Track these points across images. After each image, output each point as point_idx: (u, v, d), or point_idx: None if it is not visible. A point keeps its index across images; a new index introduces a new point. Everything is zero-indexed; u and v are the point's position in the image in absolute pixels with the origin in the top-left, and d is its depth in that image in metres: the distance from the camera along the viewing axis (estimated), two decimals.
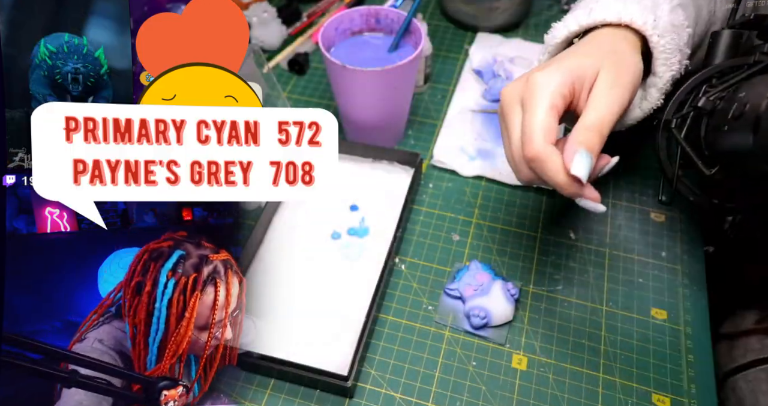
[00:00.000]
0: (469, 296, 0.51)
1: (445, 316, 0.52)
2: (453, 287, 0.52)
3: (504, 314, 0.50)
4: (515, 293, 0.51)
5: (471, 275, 0.53)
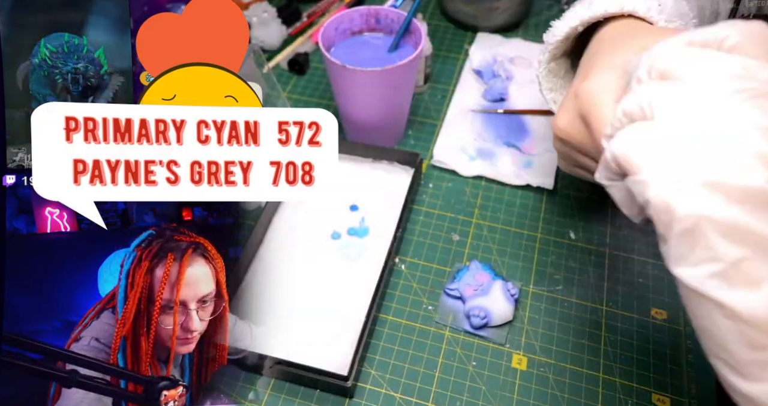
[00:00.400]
0: (469, 296, 0.51)
1: (445, 316, 0.52)
2: (453, 287, 0.52)
3: (504, 314, 0.50)
4: (515, 293, 0.51)
5: (471, 275, 0.53)
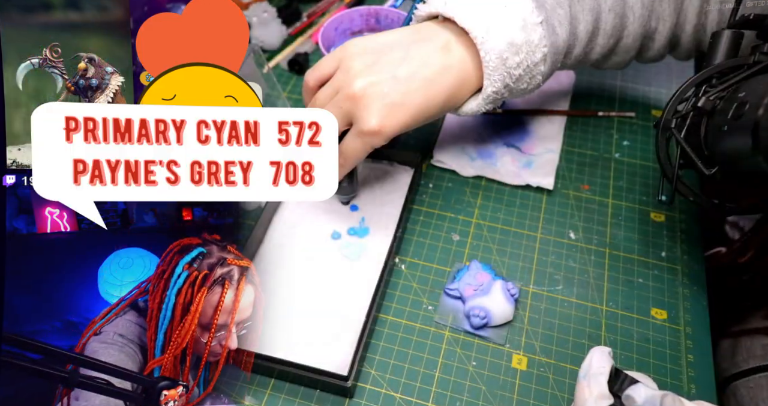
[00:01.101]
0: (469, 296, 0.51)
1: (445, 316, 0.52)
2: (453, 287, 0.52)
3: (504, 314, 0.50)
4: (515, 293, 0.51)
5: (471, 275, 0.53)
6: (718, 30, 0.46)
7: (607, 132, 0.67)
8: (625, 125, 0.67)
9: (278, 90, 0.61)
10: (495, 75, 0.49)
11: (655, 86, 0.72)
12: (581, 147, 0.65)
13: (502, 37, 0.47)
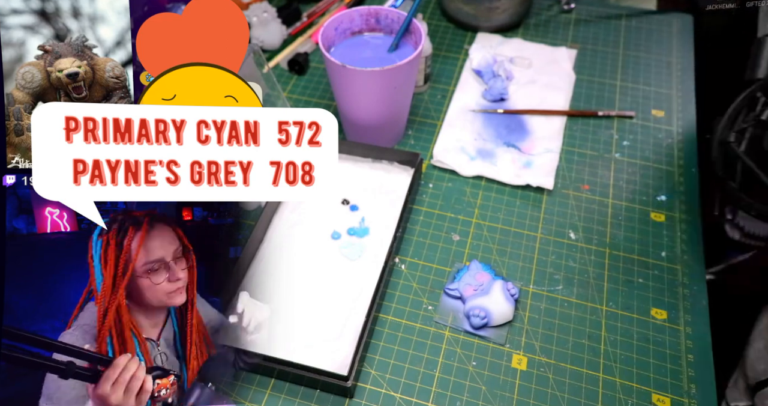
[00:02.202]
0: (469, 296, 0.51)
1: (445, 316, 0.52)
2: (453, 287, 0.52)
3: (504, 314, 0.50)
4: (515, 293, 0.51)
5: (471, 275, 0.53)
6: (762, 36, 0.44)
7: (607, 132, 0.67)
8: (625, 125, 0.67)
9: (278, 90, 0.61)
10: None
11: (655, 86, 0.72)
12: (581, 147, 0.65)
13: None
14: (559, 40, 0.78)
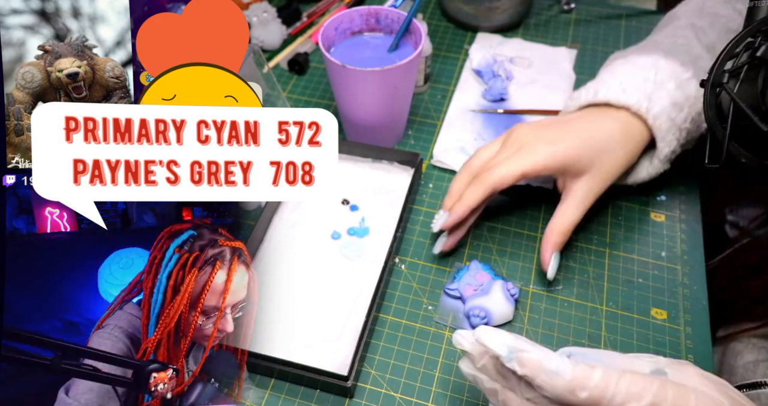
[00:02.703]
0: (469, 296, 0.51)
1: (445, 316, 0.52)
2: (453, 287, 0.52)
3: (504, 314, 0.50)
4: (515, 293, 0.51)
5: (471, 275, 0.53)
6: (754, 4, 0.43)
7: None
8: None
9: (278, 90, 0.61)
10: (668, 136, 0.51)
11: None
12: None
13: (665, 99, 0.50)
14: (559, 40, 0.78)
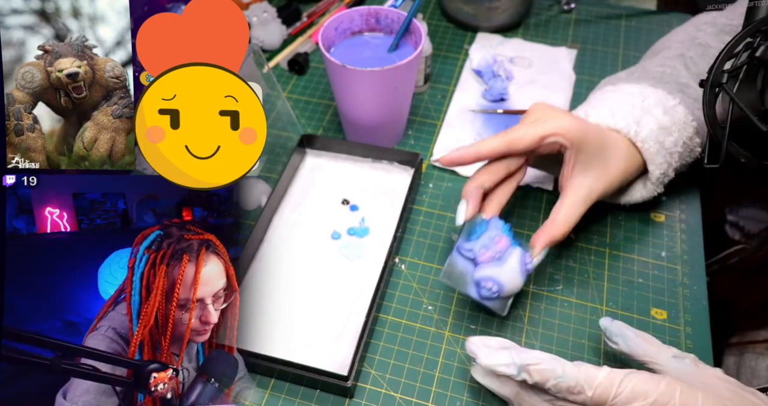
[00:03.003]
0: (484, 262, 0.46)
1: (451, 277, 0.47)
2: (468, 246, 0.46)
3: (515, 287, 0.46)
4: (530, 268, 0.47)
5: (490, 236, 0.46)
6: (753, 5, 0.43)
7: None
8: None
9: (278, 90, 0.61)
10: (657, 158, 0.51)
11: None
12: None
13: (652, 123, 0.51)
14: (559, 40, 0.78)
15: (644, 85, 0.54)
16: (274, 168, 0.60)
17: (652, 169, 0.52)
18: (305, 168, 0.62)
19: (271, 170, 0.59)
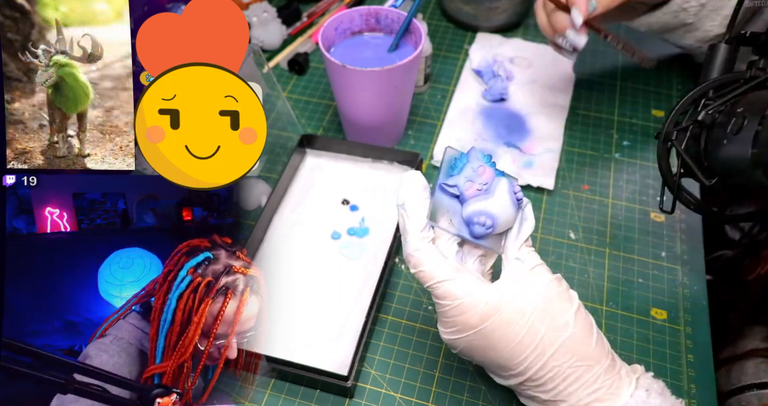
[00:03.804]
0: (472, 196, 0.41)
1: (439, 218, 0.40)
2: (452, 182, 0.41)
3: (509, 220, 0.41)
4: (521, 197, 0.42)
5: (472, 167, 0.41)
6: (715, 43, 0.48)
7: (607, 132, 0.67)
8: (625, 125, 0.67)
9: (278, 90, 0.61)
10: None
11: (655, 86, 0.72)
12: (581, 147, 0.65)
13: None
14: None
15: None
16: (274, 168, 0.60)
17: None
18: (305, 168, 0.62)
19: (271, 170, 0.59)
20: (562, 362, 0.36)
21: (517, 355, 0.36)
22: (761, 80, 0.44)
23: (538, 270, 0.38)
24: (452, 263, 0.38)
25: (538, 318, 0.36)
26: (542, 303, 0.37)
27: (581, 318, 0.37)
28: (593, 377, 0.36)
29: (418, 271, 0.38)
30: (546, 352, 0.36)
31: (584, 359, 0.36)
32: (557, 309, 0.37)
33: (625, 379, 0.37)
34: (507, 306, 0.36)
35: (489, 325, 0.36)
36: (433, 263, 0.37)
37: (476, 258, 0.40)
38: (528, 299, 0.37)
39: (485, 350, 0.37)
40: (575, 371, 0.36)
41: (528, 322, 0.36)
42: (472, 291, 0.37)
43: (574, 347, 0.36)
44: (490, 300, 0.36)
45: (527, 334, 0.36)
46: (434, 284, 0.37)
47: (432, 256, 0.38)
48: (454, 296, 0.37)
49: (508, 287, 0.37)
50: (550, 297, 0.37)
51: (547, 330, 0.36)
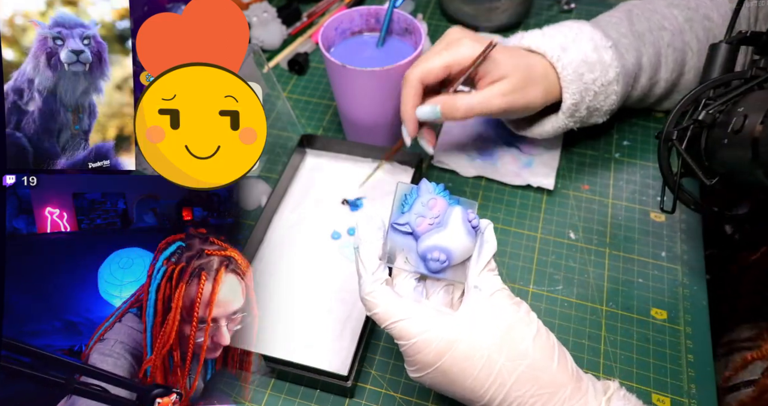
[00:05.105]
0: (424, 231, 0.40)
1: (394, 258, 0.40)
2: (402, 220, 0.40)
3: (465, 251, 0.40)
4: (476, 224, 0.40)
5: (423, 202, 0.40)
6: (715, 43, 0.47)
7: (607, 132, 0.67)
8: (625, 125, 0.68)
9: (278, 90, 0.61)
10: (572, 87, 0.53)
11: None
12: (581, 147, 0.65)
13: (577, 54, 0.53)
14: None
15: (584, 23, 0.56)
16: (274, 168, 0.60)
17: (565, 98, 0.54)
18: (305, 168, 0.62)
19: (271, 170, 0.59)
20: (524, 391, 0.35)
21: (478, 388, 0.35)
22: (762, 80, 0.44)
23: (497, 297, 0.37)
24: (407, 302, 0.37)
25: (496, 349, 0.35)
26: (500, 332, 0.36)
27: (540, 343, 0.36)
28: (558, 402, 0.35)
29: (373, 313, 0.37)
30: (506, 383, 0.35)
31: (546, 386, 0.35)
32: (516, 337, 0.36)
33: (592, 402, 0.36)
34: (461, 341, 0.35)
35: (445, 361, 0.35)
36: (387, 304, 0.37)
37: (441, 288, 0.40)
38: (485, 330, 0.36)
39: (448, 385, 0.36)
40: (539, 399, 0.35)
41: (485, 355, 0.35)
42: (428, 328, 0.36)
43: (535, 374, 0.35)
44: (446, 335, 0.36)
45: (484, 367, 0.35)
46: (389, 324, 0.37)
47: (385, 297, 0.37)
48: (408, 335, 0.36)
49: (464, 319, 0.36)
50: (509, 325, 0.36)
51: (506, 360, 0.35)
